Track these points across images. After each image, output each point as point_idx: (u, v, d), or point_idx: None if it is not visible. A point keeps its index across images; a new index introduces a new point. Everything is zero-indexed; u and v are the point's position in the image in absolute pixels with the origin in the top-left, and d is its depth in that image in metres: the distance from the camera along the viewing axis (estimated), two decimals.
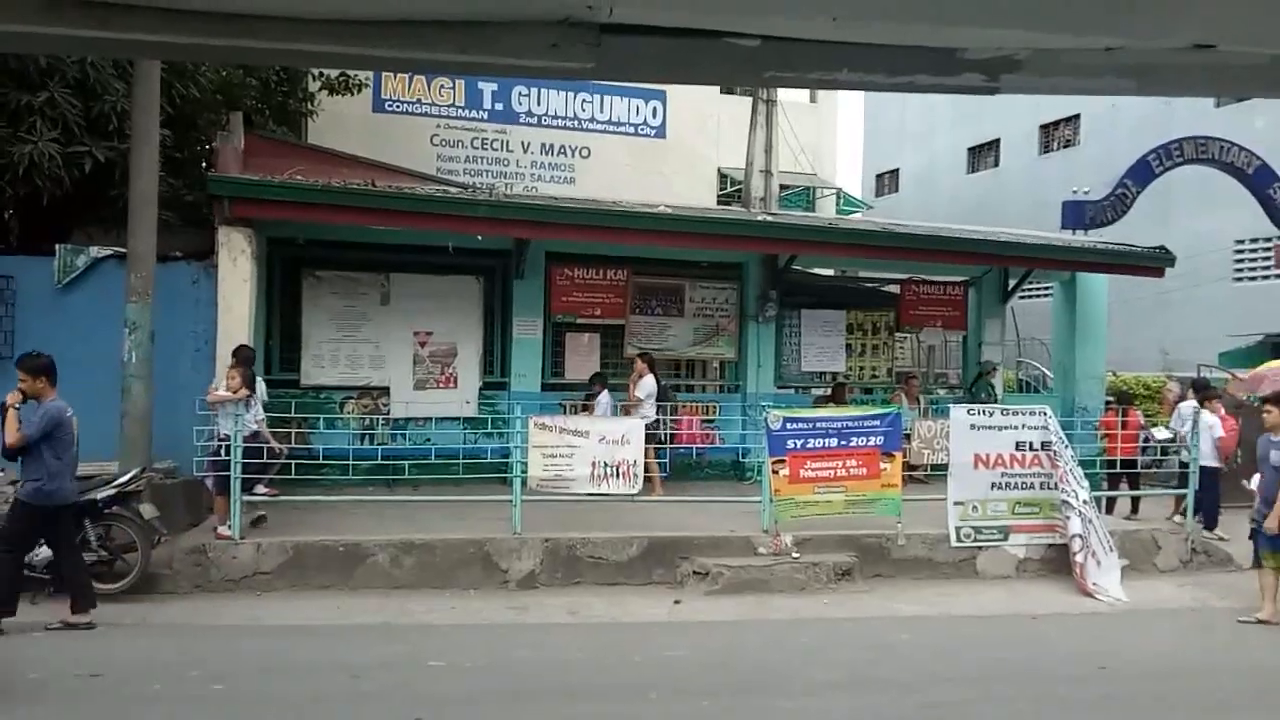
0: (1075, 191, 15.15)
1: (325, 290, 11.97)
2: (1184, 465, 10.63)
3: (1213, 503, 10.85)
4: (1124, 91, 1.92)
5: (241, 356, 9.29)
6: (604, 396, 11.50)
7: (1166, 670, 6.72)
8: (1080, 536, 9.20)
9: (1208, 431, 10.76)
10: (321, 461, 9.84)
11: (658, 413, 11.05)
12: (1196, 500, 10.37)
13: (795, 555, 9.10)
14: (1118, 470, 11.72)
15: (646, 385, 11.52)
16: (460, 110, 18.70)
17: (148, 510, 8.15)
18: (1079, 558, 9.15)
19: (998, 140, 29.17)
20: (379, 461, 10.30)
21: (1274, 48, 1.71)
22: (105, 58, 10.11)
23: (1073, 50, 1.72)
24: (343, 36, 1.80)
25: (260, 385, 9.68)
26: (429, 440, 11.11)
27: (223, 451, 8.65)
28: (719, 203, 20.18)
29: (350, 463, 9.51)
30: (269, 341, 11.66)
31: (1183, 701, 6.01)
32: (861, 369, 14.52)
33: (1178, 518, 10.84)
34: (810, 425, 9.51)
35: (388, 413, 11.79)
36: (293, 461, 9.25)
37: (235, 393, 8.74)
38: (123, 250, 9.85)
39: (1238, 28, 1.64)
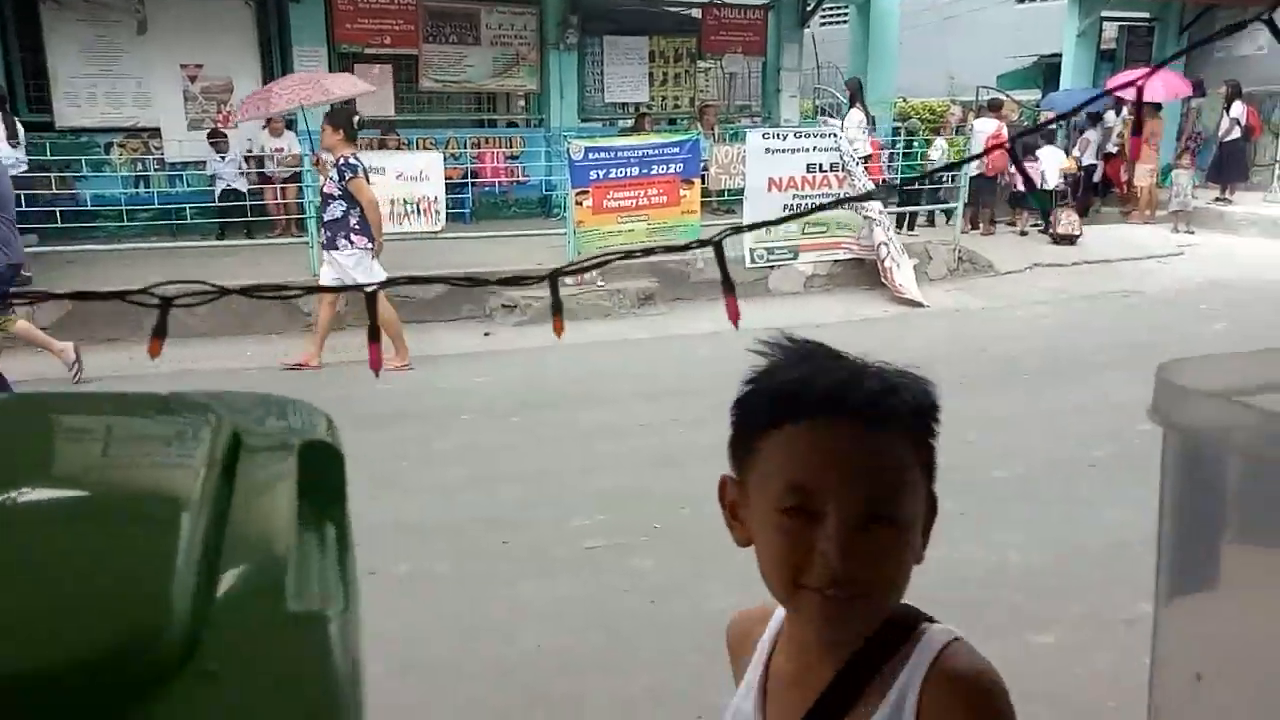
0: None
1: (70, 18, 10.58)
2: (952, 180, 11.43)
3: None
4: None
5: None
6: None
7: (925, 361, 7.43)
8: (884, 244, 9.91)
9: (980, 138, 11.64)
10: (93, 209, 9.12)
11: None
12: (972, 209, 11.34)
13: (600, 284, 9.36)
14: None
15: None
16: None
17: None
18: (887, 264, 9.87)
19: None
20: (157, 207, 9.64)
21: None
22: None
23: None
24: None
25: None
26: (212, 184, 10.43)
27: None
28: None
29: (124, 209, 8.87)
30: (9, 77, 10.36)
31: (937, 385, 6.79)
32: (664, 99, 14.44)
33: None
34: (612, 155, 9.52)
35: (161, 155, 10.89)
36: (57, 209, 8.51)
37: None
38: None
39: None
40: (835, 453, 0.96)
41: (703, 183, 10.24)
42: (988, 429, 5.69)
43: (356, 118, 7.34)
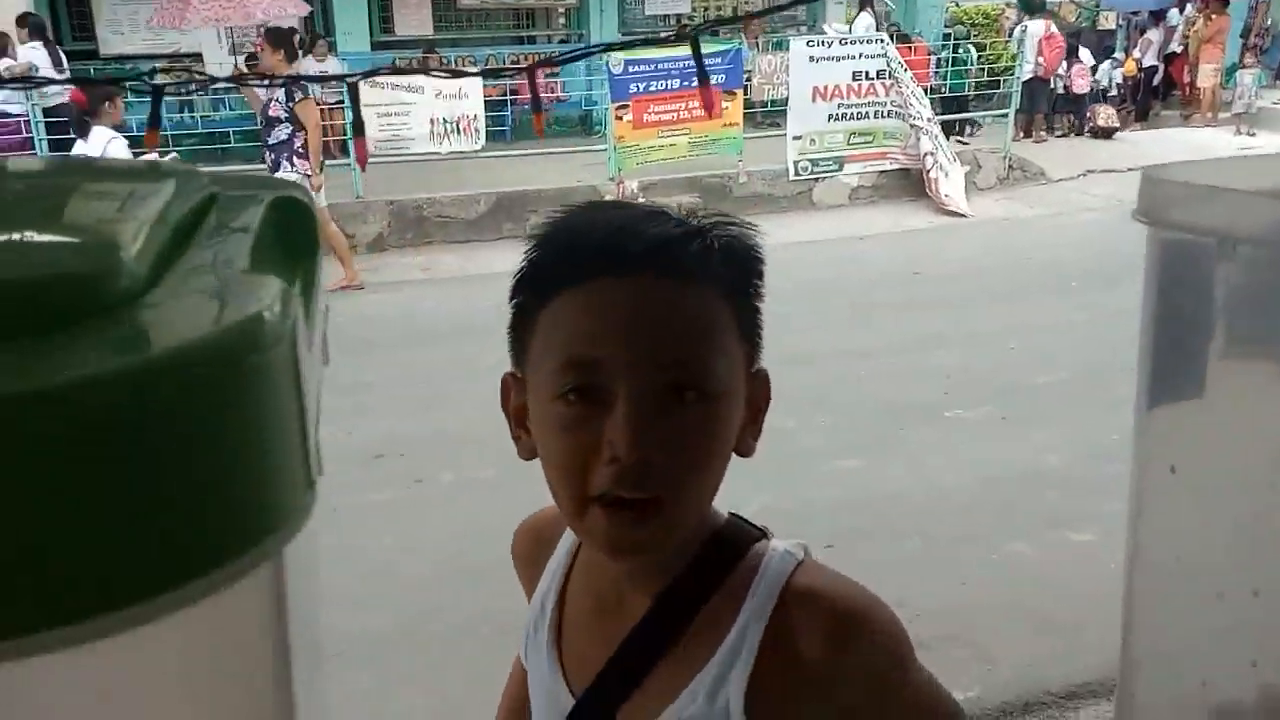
0: None
1: None
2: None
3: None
4: None
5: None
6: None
7: (971, 271, 7.41)
8: (930, 154, 9.68)
9: (1032, 40, 11.28)
10: (138, 135, 9.23)
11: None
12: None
13: (640, 199, 9.31)
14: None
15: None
16: None
17: None
18: (932, 174, 9.66)
19: None
20: (201, 131, 9.75)
21: None
22: None
23: None
24: None
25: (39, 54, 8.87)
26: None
27: None
28: None
29: (169, 134, 8.97)
30: (53, 7, 10.44)
31: (981, 294, 6.69)
32: (706, 9, 14.10)
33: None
34: (652, 67, 9.35)
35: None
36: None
37: None
38: None
39: None
40: (620, 311, 0.74)
41: (745, 93, 10.04)
42: (1031, 336, 5.62)
43: (298, 36, 7.16)
